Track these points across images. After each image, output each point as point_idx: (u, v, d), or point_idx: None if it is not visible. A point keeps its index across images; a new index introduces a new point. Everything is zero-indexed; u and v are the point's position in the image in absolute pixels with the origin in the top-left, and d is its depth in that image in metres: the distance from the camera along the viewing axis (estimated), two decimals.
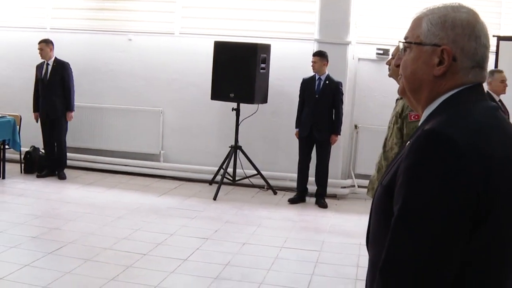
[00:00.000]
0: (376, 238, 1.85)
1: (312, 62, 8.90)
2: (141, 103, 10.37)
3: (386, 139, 5.03)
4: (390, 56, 5.09)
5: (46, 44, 9.63)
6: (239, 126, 9.38)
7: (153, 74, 10.27)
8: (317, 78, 8.92)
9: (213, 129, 10.18)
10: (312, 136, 8.92)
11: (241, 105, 9.30)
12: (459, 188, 1.57)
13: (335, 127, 8.90)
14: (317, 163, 9.04)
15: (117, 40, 10.37)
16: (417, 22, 1.88)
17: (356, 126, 9.78)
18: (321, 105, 8.85)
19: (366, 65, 9.68)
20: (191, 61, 10.08)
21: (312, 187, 9.21)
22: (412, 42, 1.86)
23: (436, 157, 1.60)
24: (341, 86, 8.90)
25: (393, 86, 5.05)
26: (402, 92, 1.97)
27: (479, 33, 1.79)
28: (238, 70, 8.98)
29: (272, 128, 9.73)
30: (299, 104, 9.07)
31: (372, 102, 9.55)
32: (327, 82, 8.87)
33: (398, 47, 5.13)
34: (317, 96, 8.87)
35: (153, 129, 10.40)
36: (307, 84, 8.99)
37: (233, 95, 9.05)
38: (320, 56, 8.89)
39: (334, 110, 8.90)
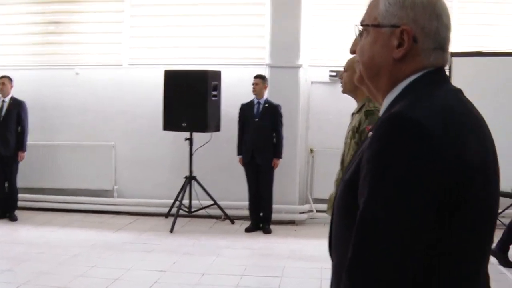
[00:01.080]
0: (339, 240, 1.71)
1: (253, 84, 8.86)
2: (92, 137, 10.13)
3: (343, 155, 4.86)
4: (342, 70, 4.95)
5: (9, 80, 9.47)
6: (193, 156, 9.20)
7: (103, 108, 10.05)
8: (256, 102, 8.88)
9: (166, 160, 9.98)
10: (255, 161, 8.80)
11: (194, 134, 9.13)
12: (429, 174, 1.44)
13: (277, 151, 8.80)
14: (260, 188, 8.89)
15: (65, 74, 10.15)
16: (374, 4, 1.75)
17: (311, 150, 9.67)
18: (261, 129, 8.78)
19: (319, 88, 9.61)
20: (141, 92, 9.91)
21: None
22: (369, 24, 1.73)
23: (402, 141, 1.47)
24: (280, 109, 8.83)
25: (348, 108, 4.98)
26: (359, 80, 1.85)
27: (440, 12, 1.67)
28: (190, 99, 8.83)
29: (227, 157, 9.53)
30: (239, 130, 9.01)
31: (327, 125, 9.45)
32: (266, 105, 8.83)
33: (349, 60, 5.00)
34: (257, 120, 8.81)
35: (105, 164, 10.15)
36: (246, 109, 8.94)
37: (185, 124, 8.88)
38: (261, 78, 8.88)
39: (275, 134, 8.80)
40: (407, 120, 1.48)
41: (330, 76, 9.39)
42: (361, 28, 1.78)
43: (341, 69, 8.88)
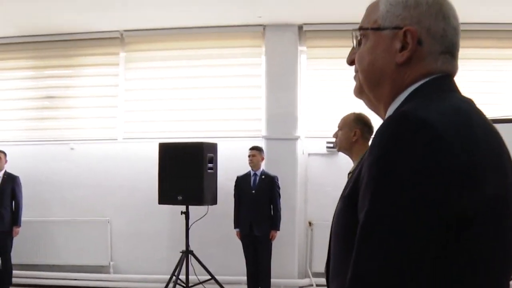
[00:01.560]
0: (338, 268, 1.53)
1: (250, 156, 8.76)
2: (87, 213, 9.98)
3: None
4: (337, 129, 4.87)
5: (3, 155, 9.41)
6: (190, 230, 9.01)
7: (98, 182, 9.93)
8: (252, 174, 8.78)
9: (163, 234, 9.81)
10: (253, 234, 8.62)
11: (190, 207, 8.95)
12: (440, 181, 1.26)
13: (274, 223, 8.63)
14: (258, 262, 8.68)
15: (59, 149, 10.08)
16: (373, 7, 1.61)
17: (310, 223, 9.51)
18: (258, 201, 8.63)
19: (317, 159, 9.55)
20: (136, 166, 9.81)
21: None
22: (369, 28, 1.58)
23: (408, 143, 1.30)
24: (277, 180, 8.72)
25: (345, 179, 4.90)
26: (358, 90, 1.67)
27: (447, 13, 1.53)
28: (185, 172, 8.70)
29: (224, 230, 9.36)
30: (235, 203, 8.86)
31: (325, 197, 9.29)
32: (263, 177, 8.72)
33: (343, 118, 4.88)
34: (253, 192, 8.68)
35: (101, 239, 9.97)
36: (242, 181, 8.83)
37: (181, 197, 8.72)
38: (258, 150, 8.80)
39: (272, 205, 8.66)
40: (414, 119, 1.32)
41: (328, 147, 9.31)
42: (358, 35, 1.63)
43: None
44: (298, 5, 8.83)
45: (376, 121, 5.05)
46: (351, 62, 1.67)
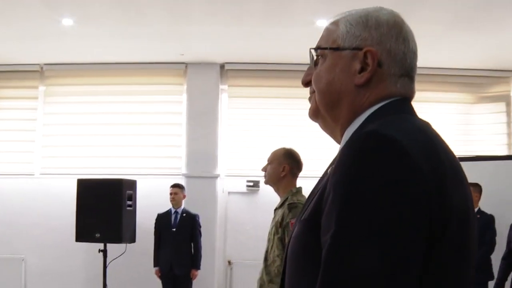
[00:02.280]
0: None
1: (172, 194, 8.69)
2: (0, 250, 9.63)
3: (267, 252, 4.67)
4: (266, 162, 4.84)
5: None
6: (107, 268, 8.83)
7: (13, 219, 9.61)
8: (173, 211, 8.71)
9: (80, 273, 9.57)
10: (173, 273, 8.51)
11: (108, 245, 8.78)
12: (410, 198, 1.23)
13: (195, 262, 8.57)
14: None
15: None
16: (331, 27, 1.56)
17: (229, 262, 9.47)
18: (179, 239, 8.55)
19: (237, 198, 9.55)
20: (53, 202, 9.58)
21: None
22: (327, 47, 1.53)
23: (376, 160, 1.26)
24: (198, 219, 8.68)
25: (265, 217, 4.91)
26: (314, 112, 1.59)
27: (407, 36, 1.51)
28: (104, 209, 8.53)
29: (143, 269, 9.21)
30: (155, 240, 8.75)
31: (244, 236, 9.33)
32: (184, 215, 8.67)
33: (273, 152, 4.89)
34: (174, 229, 8.60)
35: (14, 278, 9.64)
36: (162, 219, 8.74)
37: (99, 235, 8.55)
38: (180, 187, 8.75)
39: (192, 244, 8.60)
40: (378, 136, 1.28)
41: (248, 186, 9.35)
42: (315, 55, 1.57)
43: (258, 179, 9.04)
44: (220, 44, 8.91)
45: (306, 157, 5.07)
46: (306, 83, 1.62)
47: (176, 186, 8.76)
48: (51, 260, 9.59)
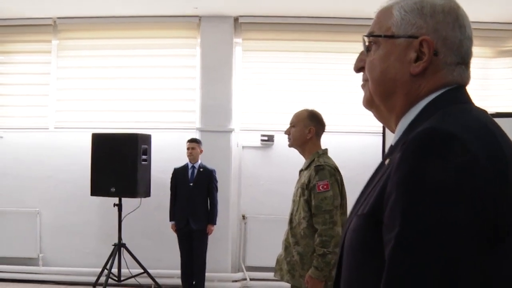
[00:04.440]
0: (353, 281, 1.46)
1: (189, 148, 8.62)
2: (15, 204, 9.70)
3: (292, 214, 4.65)
4: (289, 125, 4.79)
5: None
6: (122, 222, 8.88)
7: (27, 173, 9.67)
8: (190, 166, 8.65)
9: (94, 227, 9.63)
10: (189, 227, 8.53)
11: (123, 199, 8.83)
12: (474, 196, 1.21)
13: (211, 217, 8.56)
14: (193, 255, 8.60)
15: None
16: (385, 13, 1.53)
17: (244, 217, 9.47)
18: (196, 194, 8.53)
19: (251, 152, 9.51)
20: (68, 156, 9.59)
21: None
22: (381, 35, 1.50)
23: (439, 157, 1.24)
24: (215, 174, 8.65)
25: (280, 172, 4.95)
26: (368, 101, 1.59)
27: (463, 22, 1.48)
28: (119, 163, 8.57)
29: (157, 223, 9.27)
30: (171, 195, 8.73)
31: (259, 191, 9.32)
32: (201, 170, 8.61)
33: (296, 115, 4.86)
34: (191, 184, 8.56)
35: (29, 231, 9.71)
36: (179, 174, 8.69)
37: (114, 189, 8.59)
38: (197, 142, 8.68)
39: (209, 199, 8.59)
40: (442, 133, 1.27)
41: (262, 140, 9.30)
42: (367, 41, 1.55)
43: (273, 133, 9.01)
44: None
45: (324, 112, 5.01)
46: (358, 69, 1.61)
47: (193, 141, 8.70)
48: (66, 214, 9.65)
